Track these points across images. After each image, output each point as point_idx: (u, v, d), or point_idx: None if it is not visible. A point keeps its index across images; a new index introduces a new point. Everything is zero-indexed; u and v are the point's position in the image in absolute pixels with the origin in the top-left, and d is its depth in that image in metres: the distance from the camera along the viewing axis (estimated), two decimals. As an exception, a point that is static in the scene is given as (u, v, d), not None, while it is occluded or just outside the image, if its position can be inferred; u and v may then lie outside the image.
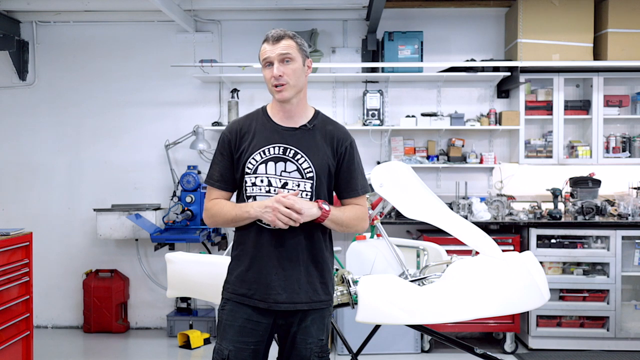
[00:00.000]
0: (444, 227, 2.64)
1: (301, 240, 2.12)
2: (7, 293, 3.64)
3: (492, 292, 2.38)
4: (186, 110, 5.31)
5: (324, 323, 2.19)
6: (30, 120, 5.38)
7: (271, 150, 2.12)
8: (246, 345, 2.11)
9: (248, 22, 5.25)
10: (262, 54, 2.13)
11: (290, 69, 2.10)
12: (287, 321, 2.13)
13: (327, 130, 2.19)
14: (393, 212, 4.69)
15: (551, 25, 4.78)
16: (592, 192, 4.85)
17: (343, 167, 2.18)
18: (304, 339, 2.13)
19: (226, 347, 2.12)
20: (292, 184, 2.11)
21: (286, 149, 2.12)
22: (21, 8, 5.03)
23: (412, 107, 5.21)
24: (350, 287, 2.60)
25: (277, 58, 2.09)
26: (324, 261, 2.18)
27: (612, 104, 5.03)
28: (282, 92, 2.10)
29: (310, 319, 2.14)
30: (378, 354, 4.49)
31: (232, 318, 2.14)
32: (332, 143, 2.17)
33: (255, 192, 2.12)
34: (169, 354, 4.74)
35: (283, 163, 2.11)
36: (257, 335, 2.13)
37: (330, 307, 2.23)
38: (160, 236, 4.81)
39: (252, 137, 2.15)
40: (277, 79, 2.09)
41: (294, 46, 2.12)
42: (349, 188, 2.20)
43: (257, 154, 2.12)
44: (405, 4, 5.14)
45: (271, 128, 2.16)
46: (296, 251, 2.12)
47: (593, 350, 4.55)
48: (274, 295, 2.10)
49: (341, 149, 2.18)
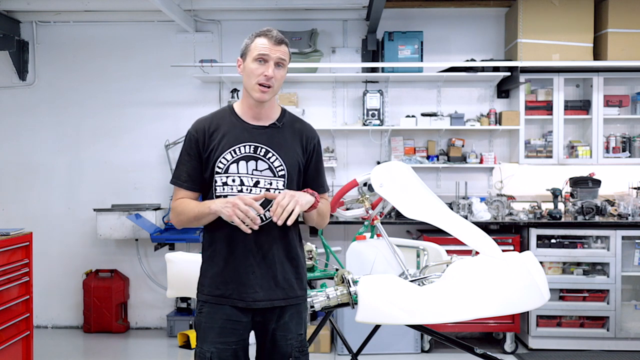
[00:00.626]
0: (444, 227, 2.64)
1: (276, 238, 2.12)
2: (7, 293, 3.64)
3: (492, 292, 2.37)
4: (186, 110, 5.31)
5: (301, 317, 2.20)
6: (30, 120, 5.38)
7: (242, 149, 2.11)
8: (228, 346, 2.10)
9: (248, 22, 5.24)
10: (258, 48, 2.10)
11: (280, 75, 2.13)
12: (265, 318, 2.13)
13: (296, 128, 2.21)
14: (393, 212, 4.69)
15: (551, 25, 4.78)
16: (592, 192, 4.85)
17: (311, 165, 2.21)
18: (284, 335, 2.14)
19: (208, 349, 2.10)
20: (264, 183, 2.10)
21: (257, 148, 2.12)
22: (21, 8, 5.03)
23: (412, 107, 5.22)
24: (350, 287, 2.60)
25: (275, 60, 2.10)
26: (297, 256, 2.19)
27: (612, 104, 5.03)
28: (265, 93, 2.10)
29: (288, 315, 2.15)
30: (378, 354, 4.49)
31: (211, 320, 2.12)
32: (301, 141, 2.19)
33: (227, 191, 2.10)
34: (169, 354, 4.74)
35: (254, 162, 2.11)
36: (237, 335, 2.12)
37: (306, 302, 2.24)
38: (160, 236, 4.81)
39: (222, 136, 2.12)
40: (268, 80, 2.09)
41: (288, 54, 2.16)
42: (317, 184, 2.23)
43: (228, 153, 2.10)
44: (405, 4, 5.14)
45: (241, 127, 2.15)
46: (271, 248, 2.11)
47: (593, 350, 4.55)
48: (251, 294, 2.09)
49: (310, 146, 2.20)
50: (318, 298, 2.54)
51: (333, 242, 4.03)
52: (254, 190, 2.09)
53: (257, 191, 2.08)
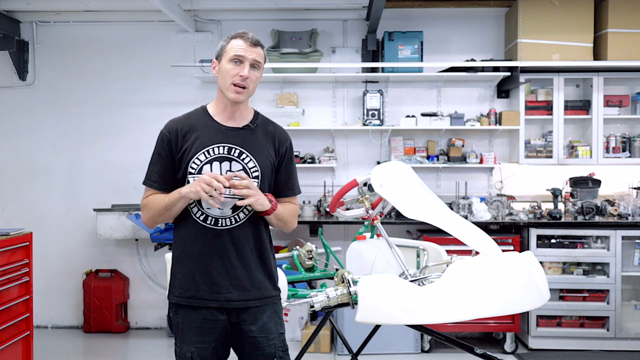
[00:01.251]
0: (444, 227, 2.64)
1: (249, 238, 2.12)
2: (7, 293, 3.64)
3: (492, 292, 2.37)
4: (186, 110, 5.18)
5: (279, 316, 2.21)
6: (30, 120, 5.38)
7: (216, 150, 2.11)
8: (207, 344, 2.11)
9: (248, 22, 5.25)
10: (234, 49, 2.10)
11: (255, 76, 2.13)
12: (240, 318, 2.12)
13: (269, 130, 2.22)
14: (393, 212, 4.69)
15: (551, 25, 4.78)
16: (592, 192, 4.85)
17: (283, 167, 2.22)
18: (266, 337, 2.13)
19: (187, 349, 2.10)
20: None
21: (231, 149, 2.12)
22: (21, 8, 5.03)
23: (412, 107, 5.22)
24: (350, 287, 2.60)
25: (251, 61, 2.11)
26: (268, 256, 2.19)
27: (612, 104, 5.03)
28: (241, 94, 2.11)
29: (266, 315, 2.14)
30: (378, 354, 4.49)
31: (188, 321, 2.12)
32: (273, 143, 2.20)
33: None
34: (169, 354, 4.74)
35: (228, 162, 2.11)
36: (215, 333, 2.12)
37: (280, 302, 2.24)
38: (160, 236, 4.81)
39: (195, 137, 2.13)
40: (244, 80, 2.09)
41: (263, 56, 2.17)
42: (287, 187, 2.24)
43: (201, 153, 2.11)
44: (405, 4, 5.14)
45: (214, 128, 2.16)
46: (245, 249, 2.11)
47: (593, 350, 4.55)
48: (225, 294, 2.09)
49: (282, 149, 2.22)
50: (318, 298, 2.54)
51: (333, 242, 4.03)
52: (227, 191, 2.06)
53: (231, 192, 2.06)
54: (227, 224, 2.10)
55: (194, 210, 2.12)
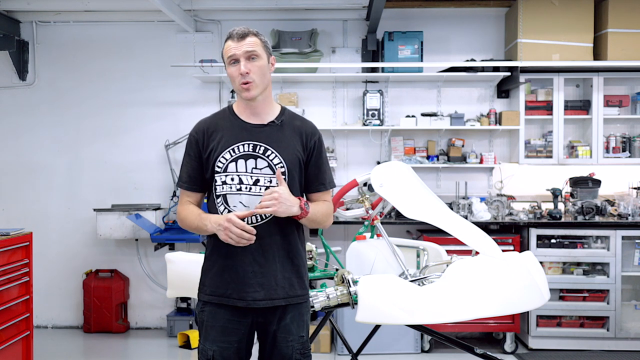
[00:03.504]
0: (444, 227, 2.64)
1: (276, 236, 2.11)
2: (7, 293, 3.64)
3: (492, 292, 2.38)
4: (186, 110, 5.31)
5: (303, 320, 2.19)
6: (30, 120, 5.38)
7: (241, 148, 2.11)
8: (229, 344, 2.11)
9: (248, 22, 5.24)
10: (226, 52, 2.11)
11: (256, 66, 2.09)
12: (266, 319, 2.13)
13: (296, 125, 2.19)
14: (393, 212, 4.69)
15: (551, 25, 4.78)
16: (592, 192, 4.85)
17: (312, 162, 2.19)
18: (285, 337, 2.13)
19: (210, 347, 2.12)
20: (264, 181, 2.10)
21: (256, 146, 2.12)
22: (21, 8, 5.03)
23: (412, 107, 5.21)
24: (350, 287, 2.60)
25: (244, 55, 2.08)
26: (298, 255, 2.18)
27: (612, 104, 5.03)
28: (249, 90, 2.09)
29: (289, 316, 2.14)
30: (378, 354, 4.49)
31: (213, 319, 2.13)
32: (301, 137, 2.17)
33: (226, 190, 2.11)
34: (169, 354, 4.74)
35: (254, 160, 2.11)
36: (239, 334, 2.12)
37: (307, 303, 2.22)
38: (160, 236, 4.81)
39: (221, 136, 2.14)
40: (245, 76, 2.07)
41: (259, 43, 2.11)
42: (318, 181, 2.21)
43: (227, 152, 2.11)
44: (405, 4, 5.14)
45: (239, 126, 2.15)
46: (271, 247, 2.11)
47: (593, 350, 4.55)
48: (252, 293, 2.09)
49: (310, 143, 2.18)
50: (318, 298, 2.54)
51: (333, 242, 4.02)
52: (253, 188, 2.09)
53: (257, 189, 2.09)
54: (253, 222, 2.09)
55: (221, 209, 2.12)
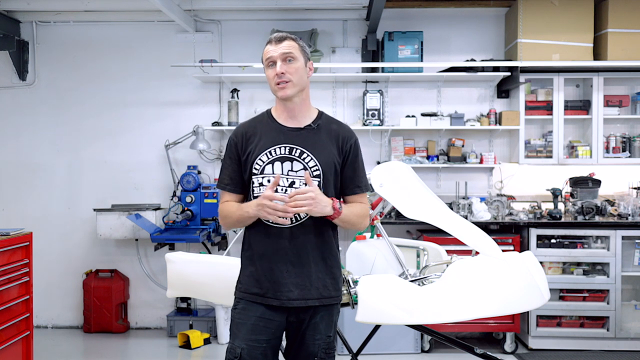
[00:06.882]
0: (444, 227, 2.64)
1: (310, 237, 2.15)
2: (7, 293, 3.63)
3: (492, 292, 2.38)
4: (186, 110, 5.31)
5: (332, 320, 2.22)
6: (30, 120, 5.38)
7: (277, 151, 2.16)
8: (258, 344, 2.14)
9: (248, 22, 5.25)
10: (265, 55, 2.19)
11: (292, 68, 2.15)
12: (299, 318, 2.16)
13: (332, 129, 2.24)
14: (393, 212, 4.69)
15: (551, 25, 4.78)
16: (592, 192, 4.85)
17: (347, 164, 2.23)
18: (312, 335, 2.17)
19: (239, 345, 2.14)
20: (300, 183, 2.14)
21: (292, 149, 2.16)
22: (21, 8, 5.03)
23: (412, 107, 5.21)
24: (350, 287, 2.60)
25: (280, 57, 2.15)
26: (333, 257, 2.22)
27: (612, 104, 5.03)
28: (285, 89, 2.15)
29: (319, 315, 2.17)
30: (378, 354, 4.49)
31: (245, 316, 2.16)
32: (337, 141, 2.22)
33: (263, 191, 2.14)
34: (169, 354, 4.74)
35: (290, 162, 2.15)
36: (269, 333, 2.15)
37: (338, 304, 2.26)
38: (160, 236, 4.81)
39: (259, 139, 2.19)
40: (280, 76, 2.13)
41: (296, 47, 2.19)
42: (353, 185, 2.24)
43: (264, 154, 2.16)
44: (405, 4, 5.14)
45: (276, 129, 2.21)
46: (306, 248, 2.15)
47: (593, 350, 4.55)
48: (286, 293, 2.13)
49: (346, 146, 2.22)
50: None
51: (333, 242, 4.02)
52: (289, 190, 2.12)
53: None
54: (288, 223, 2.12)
55: None
